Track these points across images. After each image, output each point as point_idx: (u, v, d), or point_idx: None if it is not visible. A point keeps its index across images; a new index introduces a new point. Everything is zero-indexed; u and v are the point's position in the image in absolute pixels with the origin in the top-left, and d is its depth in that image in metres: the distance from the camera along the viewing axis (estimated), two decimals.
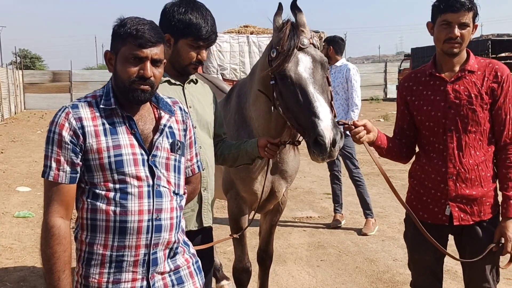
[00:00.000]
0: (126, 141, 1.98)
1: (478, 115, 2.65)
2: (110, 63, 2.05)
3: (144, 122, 2.06)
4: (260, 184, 3.32)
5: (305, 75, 2.62)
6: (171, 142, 2.08)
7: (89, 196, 1.98)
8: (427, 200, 2.79)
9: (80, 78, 32.80)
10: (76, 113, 1.97)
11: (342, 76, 6.30)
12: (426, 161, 2.79)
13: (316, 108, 2.50)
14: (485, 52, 26.83)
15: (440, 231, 2.78)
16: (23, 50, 56.97)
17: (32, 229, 6.54)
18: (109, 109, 2.00)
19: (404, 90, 2.89)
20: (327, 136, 2.43)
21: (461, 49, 2.65)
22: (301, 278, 4.92)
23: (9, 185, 9.22)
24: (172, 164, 2.08)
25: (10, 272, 5.13)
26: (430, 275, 2.88)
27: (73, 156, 1.94)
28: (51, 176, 1.94)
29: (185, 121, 2.20)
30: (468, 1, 2.56)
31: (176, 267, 2.10)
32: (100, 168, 1.95)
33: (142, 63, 1.97)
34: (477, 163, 2.69)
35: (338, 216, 6.60)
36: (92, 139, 1.95)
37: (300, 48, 2.67)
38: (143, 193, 1.97)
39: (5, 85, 25.00)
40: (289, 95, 2.63)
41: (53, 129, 1.96)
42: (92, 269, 1.97)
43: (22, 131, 19.12)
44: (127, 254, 1.96)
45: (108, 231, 1.95)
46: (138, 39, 1.95)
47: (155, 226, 1.98)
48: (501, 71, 2.67)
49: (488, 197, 2.72)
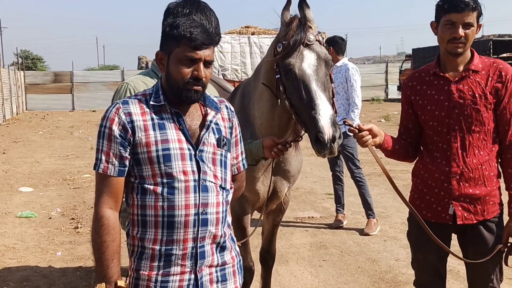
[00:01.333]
0: (174, 136, 2.04)
1: (482, 115, 2.66)
2: (161, 63, 2.11)
3: (192, 119, 2.12)
4: (262, 183, 3.33)
5: (308, 71, 2.65)
6: (217, 137, 2.13)
7: (138, 192, 2.04)
8: (430, 199, 2.79)
9: (81, 79, 32.83)
10: (126, 108, 2.04)
11: (342, 76, 6.31)
12: (430, 160, 2.79)
13: (317, 105, 2.54)
14: (487, 52, 26.78)
15: (443, 230, 2.79)
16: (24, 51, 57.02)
17: (35, 229, 6.55)
18: (159, 105, 2.07)
19: (408, 89, 2.90)
20: (326, 132, 2.47)
21: (465, 49, 2.66)
22: (303, 278, 4.93)
23: (11, 186, 9.23)
24: (218, 159, 2.13)
25: (13, 272, 5.14)
26: (433, 274, 2.89)
27: (122, 149, 2.01)
28: (101, 168, 2.02)
29: (231, 119, 2.25)
30: (472, 1, 2.56)
31: (223, 262, 2.15)
32: (148, 161, 2.01)
33: (195, 64, 2.03)
34: (481, 163, 2.69)
35: (340, 216, 6.59)
36: (141, 133, 2.01)
37: (306, 44, 2.69)
38: (190, 187, 2.02)
39: (7, 86, 25.03)
40: (293, 90, 2.67)
41: (104, 124, 2.03)
42: (143, 263, 2.04)
43: (24, 131, 19.14)
44: (175, 247, 2.02)
45: (157, 226, 2.02)
46: (192, 42, 2.01)
47: (201, 220, 2.03)
48: (505, 70, 2.68)
49: (491, 197, 2.73)
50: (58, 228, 6.63)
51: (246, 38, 15.96)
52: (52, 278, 4.96)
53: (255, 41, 15.68)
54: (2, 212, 7.36)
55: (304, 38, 2.68)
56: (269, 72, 2.92)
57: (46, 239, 6.17)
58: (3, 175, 10.27)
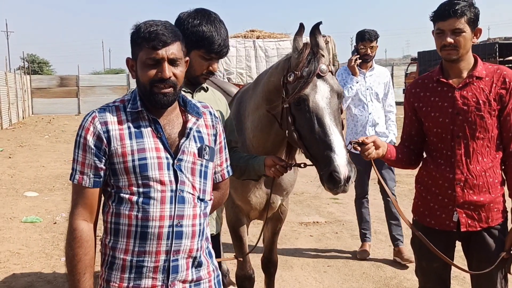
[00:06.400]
0: (151, 145, 1.98)
1: (486, 121, 2.64)
2: (132, 70, 2.07)
3: (172, 126, 2.06)
4: (253, 194, 3.27)
5: (322, 104, 2.53)
6: (199, 146, 2.07)
7: (114, 200, 1.99)
8: (434, 206, 2.77)
9: (87, 83, 32.96)
10: (102, 117, 1.99)
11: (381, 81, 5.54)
12: (434, 167, 2.78)
13: (332, 142, 2.43)
14: (492, 55, 26.68)
15: (447, 237, 2.78)
16: (31, 55, 57.38)
17: (40, 234, 6.56)
18: (136, 112, 2.01)
19: (411, 96, 2.89)
20: (342, 172, 2.37)
21: (459, 55, 2.66)
22: (308, 284, 4.90)
23: (16, 190, 9.26)
24: (198, 169, 2.06)
25: (17, 277, 5.14)
26: (438, 282, 2.87)
27: (97, 160, 1.96)
28: (76, 179, 1.98)
29: (215, 126, 2.18)
30: (459, 8, 2.57)
31: (198, 278, 2.07)
32: (124, 171, 1.96)
33: (160, 65, 1.97)
34: (485, 170, 2.68)
35: (367, 245, 5.63)
36: (117, 143, 1.96)
37: (319, 75, 2.58)
38: (166, 198, 1.96)
39: (13, 90, 25.16)
40: (304, 123, 2.55)
41: (79, 133, 1.99)
42: (114, 274, 1.98)
43: (29, 136, 19.22)
44: (147, 259, 1.95)
45: (129, 236, 1.96)
46: (151, 42, 1.95)
47: (175, 232, 1.97)
48: (509, 77, 2.67)
49: (495, 204, 2.71)
50: (63, 233, 6.61)
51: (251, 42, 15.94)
52: (56, 284, 4.96)
53: (260, 45, 15.65)
54: (7, 217, 7.38)
55: (317, 69, 2.57)
56: (272, 93, 2.82)
57: (51, 244, 6.18)
58: (8, 179, 10.31)
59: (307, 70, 2.56)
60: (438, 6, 2.67)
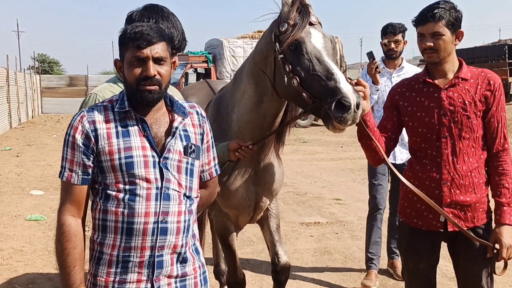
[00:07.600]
0: (138, 143, 2.04)
1: (472, 121, 2.68)
2: (120, 71, 2.14)
3: (159, 126, 2.11)
4: (242, 198, 3.23)
5: (318, 45, 2.61)
6: (184, 145, 2.12)
7: (102, 197, 2.06)
8: (421, 207, 2.79)
9: (96, 83, 33.03)
10: (90, 116, 2.06)
11: None
12: (419, 168, 2.80)
13: (335, 75, 2.46)
14: (502, 57, 26.57)
15: (434, 238, 2.80)
16: (41, 55, 57.78)
17: (43, 232, 6.64)
18: (123, 112, 2.07)
19: (396, 94, 2.91)
20: (351, 97, 2.36)
21: (441, 58, 2.69)
22: (306, 284, 4.93)
23: (23, 188, 9.36)
24: (184, 166, 2.12)
25: (19, 274, 5.21)
26: (424, 283, 2.89)
27: (85, 158, 2.03)
28: (65, 177, 2.05)
29: (202, 125, 2.24)
30: (438, 12, 2.62)
31: (183, 274, 2.12)
32: (111, 169, 2.02)
33: (145, 63, 2.03)
34: (471, 170, 2.70)
35: (373, 274, 4.89)
36: (104, 141, 2.02)
37: (310, 24, 2.67)
38: (151, 195, 2.02)
39: (23, 89, 25.34)
40: (304, 65, 2.58)
41: (68, 132, 2.06)
42: (101, 268, 2.04)
43: (38, 135, 19.37)
44: (133, 255, 2.02)
45: (116, 232, 2.02)
46: (136, 41, 2.01)
47: (160, 228, 2.02)
48: (493, 79, 2.71)
49: (481, 204, 2.74)
50: None
51: None
52: (57, 281, 5.00)
53: None
54: (12, 215, 7.46)
55: (309, 16, 2.66)
56: (260, 62, 2.86)
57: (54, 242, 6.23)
58: (15, 178, 10.42)
59: (300, 16, 2.65)
60: (419, 11, 2.73)
